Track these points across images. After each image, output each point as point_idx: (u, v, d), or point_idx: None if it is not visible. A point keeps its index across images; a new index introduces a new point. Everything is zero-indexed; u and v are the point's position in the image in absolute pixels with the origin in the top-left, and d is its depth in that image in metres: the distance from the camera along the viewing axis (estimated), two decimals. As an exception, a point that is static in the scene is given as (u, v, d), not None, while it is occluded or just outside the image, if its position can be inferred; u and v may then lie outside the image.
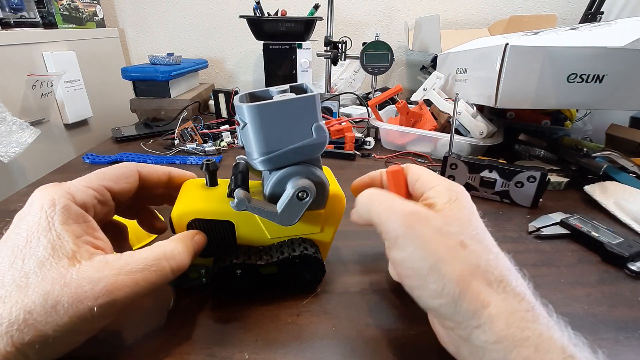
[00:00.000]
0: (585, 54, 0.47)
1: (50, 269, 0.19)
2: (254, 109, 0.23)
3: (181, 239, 0.25)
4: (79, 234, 0.22)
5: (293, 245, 0.29)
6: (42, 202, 0.22)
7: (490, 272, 0.21)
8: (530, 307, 0.21)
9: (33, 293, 0.19)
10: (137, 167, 0.28)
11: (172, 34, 1.15)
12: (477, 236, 0.23)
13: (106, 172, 0.26)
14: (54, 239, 0.20)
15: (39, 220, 0.21)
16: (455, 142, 0.53)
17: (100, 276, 0.20)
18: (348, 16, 1.13)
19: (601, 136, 0.65)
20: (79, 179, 0.25)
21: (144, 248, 0.23)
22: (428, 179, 0.27)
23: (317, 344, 0.26)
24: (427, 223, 0.23)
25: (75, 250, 0.21)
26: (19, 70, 0.71)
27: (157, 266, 0.22)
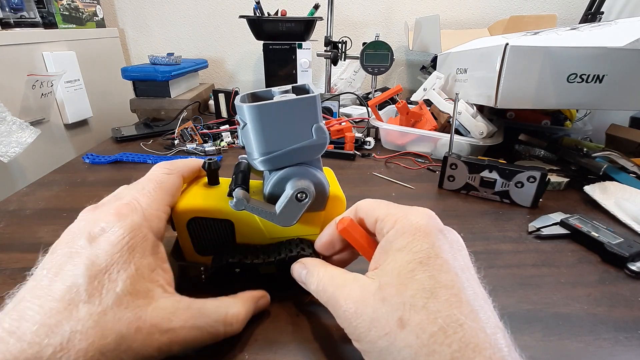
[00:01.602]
0: (585, 54, 0.47)
1: (127, 307, 0.19)
2: (254, 109, 0.23)
3: (245, 302, 0.25)
4: (153, 267, 0.21)
5: (290, 245, 0.29)
6: (122, 232, 0.20)
7: (437, 353, 0.17)
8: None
9: (110, 334, 0.18)
10: (181, 172, 0.27)
11: (172, 34, 1.15)
12: (420, 299, 0.18)
13: (165, 187, 0.25)
14: (133, 274, 0.20)
15: (120, 250, 0.20)
16: (455, 142, 0.53)
17: (169, 327, 0.20)
18: (348, 16, 1.13)
19: (601, 136, 0.65)
20: (148, 198, 0.23)
21: (211, 302, 0.23)
22: (385, 218, 0.23)
23: (317, 344, 0.26)
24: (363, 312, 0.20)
25: (150, 287, 0.20)
26: (19, 70, 0.71)
27: (215, 329, 0.22)
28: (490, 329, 0.18)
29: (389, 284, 0.20)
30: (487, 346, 0.17)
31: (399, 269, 0.20)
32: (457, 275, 0.19)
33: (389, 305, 0.19)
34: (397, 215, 0.22)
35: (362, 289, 0.21)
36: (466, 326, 0.17)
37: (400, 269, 0.20)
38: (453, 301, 0.18)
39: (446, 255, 0.20)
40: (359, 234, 0.25)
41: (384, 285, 0.20)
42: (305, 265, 0.26)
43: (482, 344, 0.17)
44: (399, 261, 0.20)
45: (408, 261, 0.20)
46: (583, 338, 0.27)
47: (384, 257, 0.22)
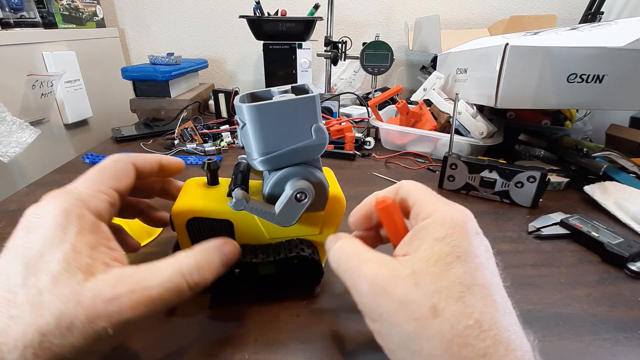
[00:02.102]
0: (585, 54, 0.47)
1: (64, 285, 0.18)
2: (253, 109, 0.23)
3: (204, 252, 0.23)
4: (94, 245, 0.20)
5: (290, 246, 0.29)
6: (54, 213, 0.20)
7: (470, 346, 0.17)
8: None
9: (48, 313, 0.18)
10: (131, 159, 0.26)
11: (172, 34, 1.15)
12: (456, 292, 0.18)
13: (107, 171, 0.24)
14: (67, 252, 0.19)
15: (52, 232, 0.20)
16: (455, 142, 0.53)
17: (114, 294, 0.19)
18: (348, 16, 1.13)
19: (601, 136, 0.65)
20: (85, 182, 0.23)
21: (163, 262, 0.22)
22: (424, 205, 0.23)
23: (317, 344, 0.26)
24: (393, 292, 0.19)
25: (90, 263, 0.20)
26: (19, 70, 0.71)
27: (173, 283, 0.21)
28: (519, 333, 0.18)
29: (424, 271, 0.19)
30: (517, 347, 0.17)
31: (436, 259, 0.20)
32: (491, 278, 0.20)
33: (422, 291, 0.19)
34: (437, 205, 0.22)
35: (392, 269, 0.20)
36: (499, 325, 0.18)
37: (437, 259, 0.20)
38: (488, 300, 0.18)
39: (482, 257, 0.20)
40: (397, 217, 0.24)
41: (417, 271, 0.19)
42: (338, 235, 0.25)
43: (513, 344, 0.17)
44: (436, 251, 0.20)
45: (446, 253, 0.20)
46: (583, 338, 0.27)
47: (417, 243, 0.21)
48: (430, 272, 0.19)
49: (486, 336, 0.17)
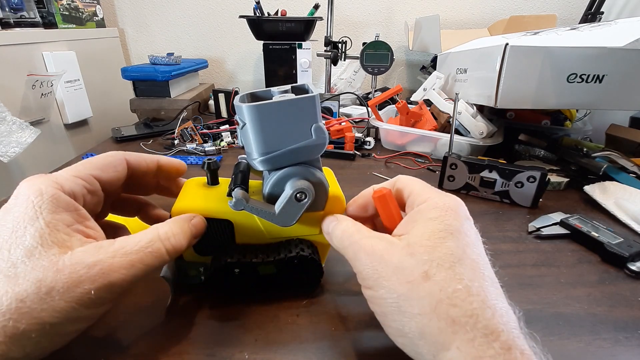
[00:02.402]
0: (585, 54, 0.47)
1: (39, 257, 0.19)
2: (253, 109, 0.23)
3: (177, 221, 0.24)
4: (70, 223, 0.21)
5: (290, 245, 0.29)
6: (28, 193, 0.21)
7: (458, 307, 0.18)
8: (505, 349, 0.17)
9: (24, 281, 0.18)
10: (125, 155, 0.27)
11: (172, 34, 1.15)
12: (447, 261, 0.20)
13: (93, 161, 0.26)
14: (42, 228, 0.20)
15: (25, 210, 0.20)
16: (455, 142, 0.53)
17: (95, 260, 0.20)
18: (348, 16, 1.13)
19: (601, 136, 0.65)
20: (66, 169, 0.24)
21: (139, 232, 0.23)
22: (419, 194, 0.25)
23: (317, 344, 0.26)
24: (389, 259, 0.21)
25: (66, 238, 0.20)
26: (19, 70, 0.71)
27: (152, 247, 0.22)
28: (505, 303, 0.20)
29: (418, 244, 0.21)
30: (504, 313, 0.19)
31: (430, 234, 0.21)
32: (479, 256, 0.21)
33: (416, 260, 0.21)
34: (431, 193, 0.24)
35: (389, 242, 0.23)
36: (487, 292, 0.19)
37: (431, 234, 0.21)
38: (477, 272, 0.20)
39: (472, 237, 0.22)
40: (393, 205, 0.26)
41: (412, 244, 0.21)
42: (337, 218, 0.27)
43: (500, 310, 0.19)
44: (430, 228, 0.22)
45: (440, 229, 0.21)
46: (583, 338, 0.27)
47: (412, 224, 0.23)
48: (424, 244, 0.21)
49: (474, 300, 0.19)
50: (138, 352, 0.25)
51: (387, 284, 0.21)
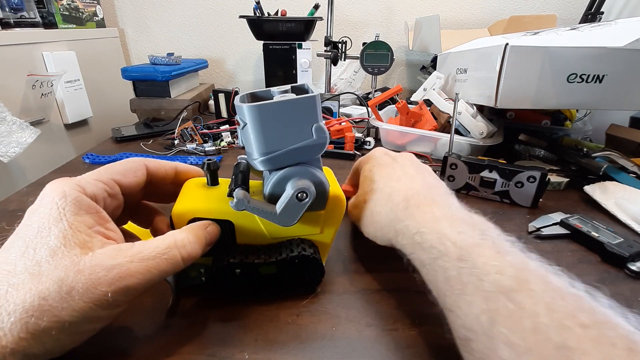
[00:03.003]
0: (585, 54, 0.47)
1: (62, 257, 0.20)
2: (254, 109, 0.23)
3: (193, 229, 0.25)
4: (91, 225, 0.22)
5: (291, 245, 0.29)
6: (53, 195, 0.22)
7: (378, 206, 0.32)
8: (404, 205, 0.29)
9: (47, 280, 0.19)
10: (145, 162, 0.28)
11: (172, 34, 1.15)
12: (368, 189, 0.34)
13: (114, 166, 0.27)
14: (65, 229, 0.20)
15: (49, 212, 0.21)
16: (455, 142, 0.53)
17: (114, 263, 0.20)
18: (348, 16, 1.13)
19: (601, 136, 0.65)
20: (89, 173, 0.25)
21: (156, 237, 0.23)
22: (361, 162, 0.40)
23: (317, 344, 0.26)
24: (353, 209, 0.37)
25: (87, 239, 0.21)
26: (19, 70, 0.71)
27: (168, 254, 0.22)
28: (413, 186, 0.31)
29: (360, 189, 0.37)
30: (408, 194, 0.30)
31: (362, 179, 0.37)
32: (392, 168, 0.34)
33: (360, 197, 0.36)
34: (364, 158, 0.40)
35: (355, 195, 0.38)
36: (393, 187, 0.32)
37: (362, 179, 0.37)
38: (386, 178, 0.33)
39: (384, 161, 0.36)
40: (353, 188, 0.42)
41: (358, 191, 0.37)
42: None
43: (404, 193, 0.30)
44: (362, 176, 0.37)
45: (365, 173, 0.37)
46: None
47: None
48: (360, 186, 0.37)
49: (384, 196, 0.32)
50: (138, 352, 0.25)
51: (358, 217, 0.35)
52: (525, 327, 0.18)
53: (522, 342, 0.18)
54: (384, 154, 0.38)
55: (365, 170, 0.37)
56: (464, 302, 0.21)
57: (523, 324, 0.18)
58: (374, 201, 0.32)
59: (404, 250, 0.28)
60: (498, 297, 0.19)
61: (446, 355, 0.24)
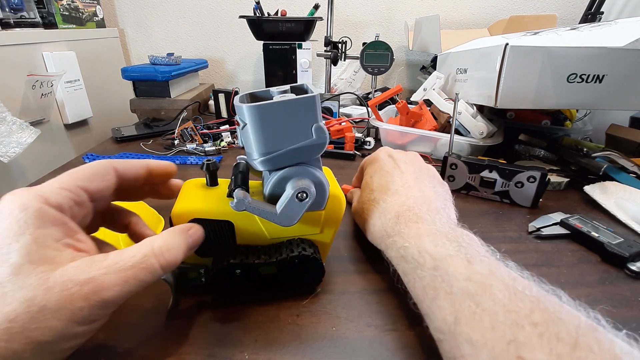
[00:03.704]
0: (585, 54, 0.47)
1: (27, 275, 0.18)
2: (253, 109, 0.23)
3: (172, 234, 0.24)
4: (59, 237, 0.20)
5: (291, 245, 0.29)
6: (11, 208, 0.20)
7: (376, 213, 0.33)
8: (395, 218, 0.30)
9: (12, 301, 0.17)
10: (112, 164, 0.26)
11: (172, 34, 1.15)
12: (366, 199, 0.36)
13: (79, 172, 0.25)
14: (28, 244, 0.19)
15: (9, 226, 0.19)
16: (455, 142, 0.53)
17: (88, 277, 0.19)
18: (348, 16, 1.13)
19: (601, 136, 0.65)
20: (51, 181, 0.23)
21: (132, 246, 0.22)
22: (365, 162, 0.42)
23: (317, 344, 0.26)
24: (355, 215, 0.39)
25: (56, 254, 0.19)
26: (19, 70, 0.71)
27: (146, 263, 0.21)
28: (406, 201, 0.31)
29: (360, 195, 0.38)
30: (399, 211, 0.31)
31: (363, 186, 0.38)
32: (391, 176, 0.35)
33: (359, 205, 0.37)
34: (368, 159, 0.41)
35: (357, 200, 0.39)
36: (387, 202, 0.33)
37: (363, 185, 0.38)
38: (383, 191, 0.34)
39: (386, 167, 0.37)
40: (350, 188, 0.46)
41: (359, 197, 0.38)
42: (352, 191, 0.44)
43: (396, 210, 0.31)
44: (364, 182, 0.39)
45: (366, 179, 0.38)
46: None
47: None
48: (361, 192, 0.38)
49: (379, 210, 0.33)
50: (139, 353, 0.25)
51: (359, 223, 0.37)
52: (485, 325, 0.20)
53: (481, 339, 0.19)
54: (388, 156, 0.39)
55: (367, 175, 0.38)
56: (436, 307, 0.23)
57: (483, 322, 0.20)
58: (370, 212, 0.34)
59: (391, 262, 0.30)
60: (464, 300, 0.21)
61: (446, 356, 0.24)
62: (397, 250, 0.28)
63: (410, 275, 0.26)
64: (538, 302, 0.20)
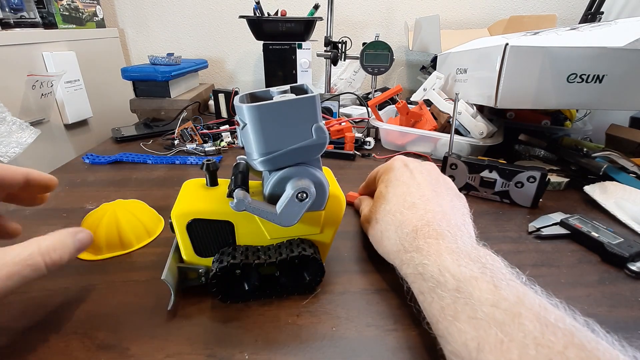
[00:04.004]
0: (585, 54, 0.47)
1: None
2: (253, 109, 0.23)
3: (59, 236, 0.25)
4: None
5: (291, 245, 0.29)
6: None
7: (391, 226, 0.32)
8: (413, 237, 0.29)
9: None
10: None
11: (172, 34, 1.15)
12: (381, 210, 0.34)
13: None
14: None
15: None
16: (455, 142, 0.53)
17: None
18: (348, 16, 1.13)
19: (601, 136, 0.65)
20: None
21: (19, 244, 0.23)
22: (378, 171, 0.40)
23: (317, 344, 0.26)
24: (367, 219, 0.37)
25: None
26: (19, 70, 0.71)
27: (31, 261, 0.22)
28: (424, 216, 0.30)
29: (374, 204, 0.36)
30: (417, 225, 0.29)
31: (377, 194, 0.37)
32: (408, 187, 0.33)
33: (372, 214, 0.36)
34: (383, 167, 0.40)
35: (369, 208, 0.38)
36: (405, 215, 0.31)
37: (377, 194, 0.37)
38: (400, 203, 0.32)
39: (403, 177, 0.35)
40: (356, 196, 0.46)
41: (372, 205, 0.37)
42: (361, 198, 0.44)
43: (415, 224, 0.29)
44: (378, 190, 0.37)
45: (381, 188, 0.36)
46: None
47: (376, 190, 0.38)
48: (375, 201, 0.36)
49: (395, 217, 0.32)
50: (139, 353, 0.25)
51: (369, 232, 0.36)
52: (512, 357, 0.18)
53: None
54: (403, 165, 0.37)
55: (382, 185, 0.36)
56: (455, 330, 0.22)
57: (510, 354, 0.18)
58: (385, 223, 0.32)
59: (406, 279, 0.28)
60: (489, 327, 0.20)
61: (446, 356, 0.24)
62: (414, 267, 0.27)
63: (428, 294, 0.25)
64: (572, 337, 0.18)
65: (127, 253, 0.36)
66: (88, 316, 0.28)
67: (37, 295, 0.30)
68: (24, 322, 0.28)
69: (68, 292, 0.31)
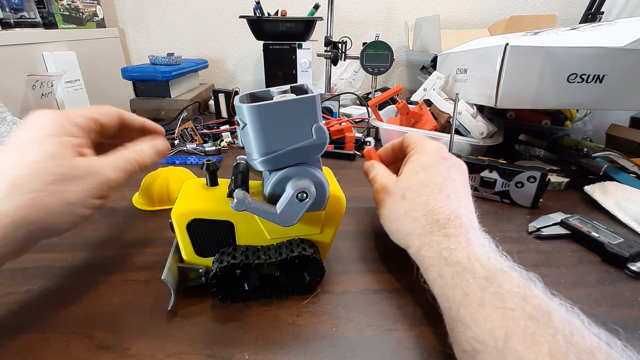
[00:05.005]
0: (585, 54, 0.47)
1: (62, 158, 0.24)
2: (253, 109, 0.23)
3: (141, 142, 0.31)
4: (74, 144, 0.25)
5: (292, 245, 0.29)
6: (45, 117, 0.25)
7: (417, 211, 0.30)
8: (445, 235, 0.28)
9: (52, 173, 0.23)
10: (119, 112, 0.32)
11: (172, 34, 1.15)
12: (415, 186, 0.32)
13: (94, 107, 0.30)
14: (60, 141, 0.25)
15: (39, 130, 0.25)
16: (455, 142, 0.53)
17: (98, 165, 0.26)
18: (348, 16, 1.13)
19: (601, 136, 0.65)
20: (77, 108, 0.28)
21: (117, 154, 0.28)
22: (412, 146, 0.37)
23: (317, 344, 0.26)
24: (387, 189, 0.34)
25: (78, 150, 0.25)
26: (19, 70, 0.71)
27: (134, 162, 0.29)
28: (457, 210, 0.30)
29: (402, 179, 0.34)
30: (450, 216, 0.29)
31: (408, 171, 0.34)
32: (445, 179, 0.32)
33: (399, 188, 0.33)
34: (418, 143, 0.36)
35: (390, 179, 0.35)
36: (439, 203, 0.30)
37: (409, 171, 0.34)
38: (436, 190, 0.31)
39: (441, 167, 0.33)
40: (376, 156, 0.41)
41: (399, 179, 0.34)
42: (373, 165, 0.39)
43: (448, 214, 0.29)
44: (410, 167, 0.34)
45: (415, 167, 0.34)
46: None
47: (403, 167, 0.35)
48: (404, 178, 0.34)
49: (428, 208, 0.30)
50: (139, 353, 0.25)
51: (386, 204, 0.34)
52: (542, 351, 0.18)
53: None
54: (442, 158, 0.34)
55: (415, 162, 0.34)
56: (480, 316, 0.22)
57: (540, 347, 0.19)
58: (414, 204, 0.31)
59: (422, 261, 0.28)
60: (519, 318, 0.20)
61: (446, 356, 0.24)
62: (439, 250, 0.27)
63: (451, 279, 0.25)
64: (599, 342, 0.19)
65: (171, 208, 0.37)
66: (88, 316, 0.28)
67: (37, 295, 0.30)
68: (24, 321, 0.28)
69: (68, 291, 0.31)
